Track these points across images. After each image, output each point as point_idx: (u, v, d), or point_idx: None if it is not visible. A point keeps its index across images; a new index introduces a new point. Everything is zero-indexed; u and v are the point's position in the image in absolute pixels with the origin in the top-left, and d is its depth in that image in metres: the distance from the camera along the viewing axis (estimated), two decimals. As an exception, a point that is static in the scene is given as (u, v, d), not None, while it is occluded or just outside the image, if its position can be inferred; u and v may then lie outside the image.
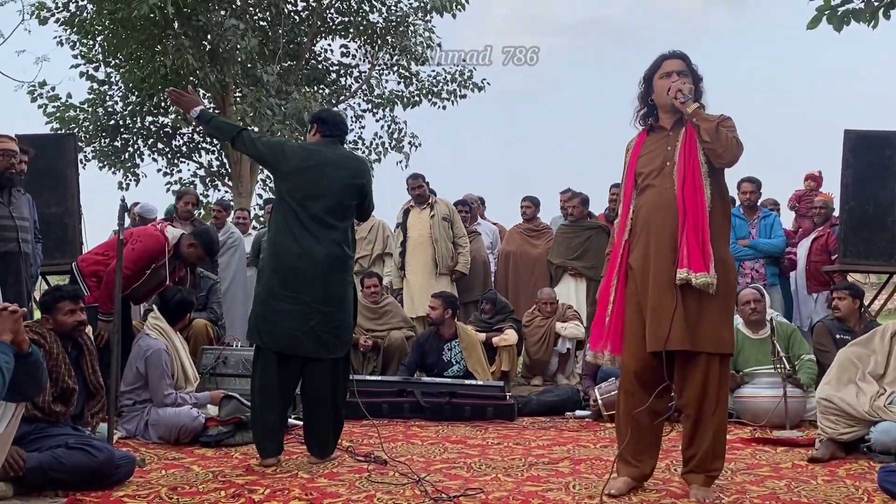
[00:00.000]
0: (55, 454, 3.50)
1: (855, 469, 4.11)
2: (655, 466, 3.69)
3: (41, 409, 3.66)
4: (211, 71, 12.27)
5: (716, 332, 3.41)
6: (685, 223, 3.40)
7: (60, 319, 3.95)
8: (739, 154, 3.40)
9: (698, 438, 3.51)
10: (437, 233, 7.55)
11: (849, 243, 6.90)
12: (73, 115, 13.19)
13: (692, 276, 3.34)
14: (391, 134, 14.81)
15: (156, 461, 4.26)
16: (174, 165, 14.42)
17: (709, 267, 3.35)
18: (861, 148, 6.88)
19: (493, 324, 7.20)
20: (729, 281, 3.46)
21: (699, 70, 3.57)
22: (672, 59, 3.55)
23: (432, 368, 6.59)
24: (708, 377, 3.44)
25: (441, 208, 7.68)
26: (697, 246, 3.37)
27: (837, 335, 5.62)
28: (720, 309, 3.42)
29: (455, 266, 7.59)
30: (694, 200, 3.42)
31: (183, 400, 4.85)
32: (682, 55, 3.58)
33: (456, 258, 7.60)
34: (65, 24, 12.97)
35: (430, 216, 7.60)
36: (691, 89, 3.43)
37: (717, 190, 3.49)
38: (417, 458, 4.39)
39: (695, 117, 3.40)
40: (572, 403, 6.01)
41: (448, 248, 7.58)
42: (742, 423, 5.41)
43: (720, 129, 3.35)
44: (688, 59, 3.57)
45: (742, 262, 7.28)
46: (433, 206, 7.66)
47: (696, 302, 3.39)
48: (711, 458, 3.49)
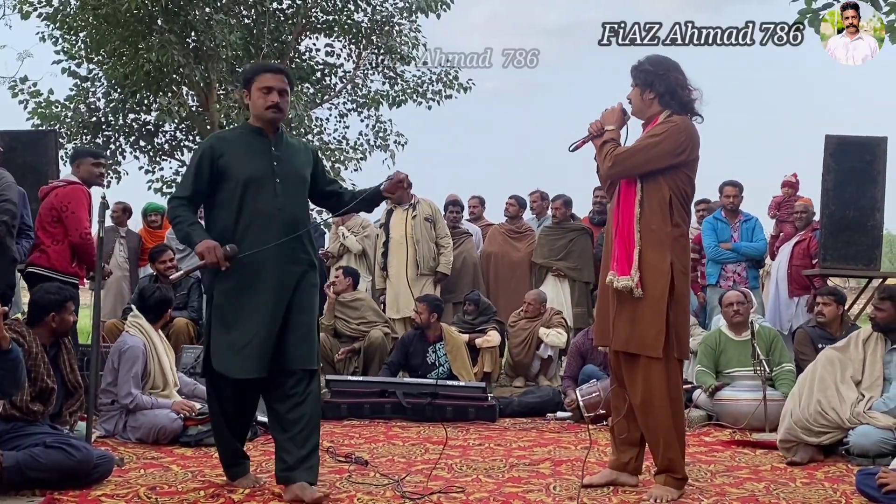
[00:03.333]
0: (32, 453, 3.47)
1: (833, 472, 4.13)
2: (636, 459, 3.75)
3: (19, 409, 3.64)
4: (196, 68, 12.20)
5: (642, 334, 3.50)
6: (616, 228, 3.60)
7: (66, 318, 4.04)
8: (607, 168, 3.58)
9: (649, 440, 3.63)
10: (418, 233, 7.52)
11: (829, 248, 6.96)
12: (55, 111, 13.06)
13: (615, 278, 3.55)
14: (376, 133, 14.78)
15: (134, 461, 4.23)
16: (156, 163, 14.30)
17: (630, 271, 3.48)
18: (841, 153, 6.93)
19: (477, 325, 7.20)
20: (660, 285, 3.48)
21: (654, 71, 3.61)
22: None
23: (417, 370, 6.58)
24: (649, 379, 3.52)
25: (423, 208, 7.66)
26: (623, 251, 3.54)
27: (819, 344, 5.62)
28: (650, 313, 3.49)
29: (437, 267, 7.57)
30: (625, 207, 3.58)
31: (143, 403, 4.76)
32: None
33: (438, 259, 7.59)
34: (47, 20, 12.85)
35: (411, 216, 7.58)
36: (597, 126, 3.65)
37: (654, 196, 3.53)
38: (398, 458, 4.38)
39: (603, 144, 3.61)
40: (554, 405, 6.01)
41: (430, 249, 7.56)
42: (722, 426, 5.44)
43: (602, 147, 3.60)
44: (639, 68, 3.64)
45: (724, 266, 7.32)
46: (415, 207, 7.63)
47: (630, 305, 3.53)
48: (666, 459, 3.55)
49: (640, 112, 3.67)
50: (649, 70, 3.60)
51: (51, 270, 5.28)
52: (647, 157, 3.51)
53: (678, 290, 3.51)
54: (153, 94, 12.95)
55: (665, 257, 3.49)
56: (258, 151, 3.56)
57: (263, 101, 3.55)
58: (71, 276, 5.34)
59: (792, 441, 4.39)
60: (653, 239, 3.49)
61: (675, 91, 3.57)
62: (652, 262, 3.48)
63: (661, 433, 3.54)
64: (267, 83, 3.55)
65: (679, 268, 3.52)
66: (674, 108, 3.58)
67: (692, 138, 3.55)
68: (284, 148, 3.64)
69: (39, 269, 5.30)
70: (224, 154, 3.53)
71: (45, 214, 5.39)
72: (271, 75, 3.58)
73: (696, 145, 3.58)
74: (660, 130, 3.52)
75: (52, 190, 5.48)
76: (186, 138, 14.48)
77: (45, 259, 5.31)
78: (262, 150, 3.56)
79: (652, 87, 3.58)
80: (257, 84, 3.56)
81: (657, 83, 3.57)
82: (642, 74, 3.61)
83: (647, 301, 3.49)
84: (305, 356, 3.50)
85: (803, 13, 6.90)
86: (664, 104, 3.59)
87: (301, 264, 3.57)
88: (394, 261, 7.59)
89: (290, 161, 3.62)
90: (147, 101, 13.35)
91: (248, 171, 3.50)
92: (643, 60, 3.64)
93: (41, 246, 5.34)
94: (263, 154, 3.56)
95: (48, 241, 5.35)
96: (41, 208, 5.43)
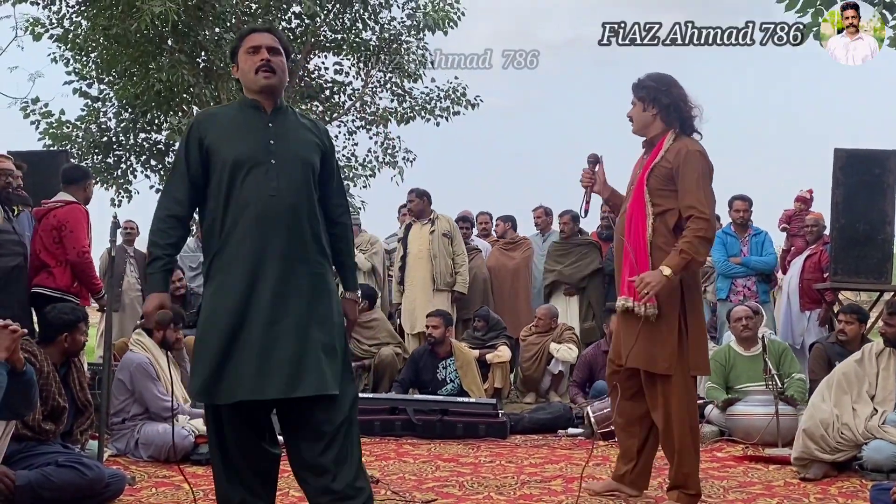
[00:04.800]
0: (45, 472, 3.48)
1: (847, 487, 4.11)
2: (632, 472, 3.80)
3: (31, 428, 3.65)
4: (205, 87, 12.29)
5: (657, 352, 3.53)
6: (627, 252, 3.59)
7: (78, 338, 4.07)
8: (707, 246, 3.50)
9: (667, 456, 3.66)
10: (436, 248, 7.54)
11: (839, 261, 6.93)
12: (67, 131, 13.18)
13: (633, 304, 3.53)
14: (385, 149, 14.85)
15: (146, 479, 4.24)
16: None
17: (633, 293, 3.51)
18: (851, 166, 6.93)
19: (487, 341, 7.20)
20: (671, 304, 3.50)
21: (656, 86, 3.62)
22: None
23: (427, 386, 6.58)
24: (667, 396, 3.54)
25: (442, 224, 7.68)
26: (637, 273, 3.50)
27: (835, 361, 5.54)
28: (664, 331, 3.52)
29: (454, 286, 7.57)
30: (637, 230, 3.57)
31: (181, 408, 4.82)
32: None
33: (454, 277, 7.59)
34: (59, 41, 12.98)
35: (430, 232, 7.60)
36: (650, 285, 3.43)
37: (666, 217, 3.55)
38: (409, 476, 4.37)
39: (676, 273, 3.43)
40: (565, 421, 5.99)
41: (447, 265, 7.57)
42: (734, 441, 5.41)
43: (687, 256, 3.42)
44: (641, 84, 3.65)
45: (734, 280, 7.30)
46: (434, 222, 7.66)
47: (645, 325, 3.52)
48: (681, 475, 3.58)
49: (642, 128, 3.68)
50: (651, 86, 3.62)
51: (57, 291, 5.27)
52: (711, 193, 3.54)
53: (690, 305, 3.54)
54: (163, 113, 13.06)
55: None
56: (251, 128, 2.94)
57: (252, 62, 2.93)
58: (73, 297, 5.32)
59: (806, 458, 4.36)
60: (663, 258, 3.49)
61: (678, 105, 3.59)
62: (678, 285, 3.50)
63: (677, 449, 3.55)
64: (252, 43, 2.95)
65: (690, 284, 3.54)
66: (676, 125, 3.61)
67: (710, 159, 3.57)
68: (285, 123, 2.99)
69: (46, 290, 5.27)
70: (211, 132, 2.93)
71: (45, 236, 5.35)
72: (258, 34, 2.99)
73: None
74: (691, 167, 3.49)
75: (49, 211, 5.41)
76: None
77: (51, 280, 5.31)
78: (256, 126, 2.94)
79: (655, 103, 3.61)
80: (243, 48, 2.97)
81: (661, 98, 3.59)
82: (644, 90, 3.63)
83: (660, 319, 3.50)
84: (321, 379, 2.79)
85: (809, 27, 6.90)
86: (666, 120, 3.61)
87: (311, 265, 2.90)
88: (411, 275, 7.59)
89: (292, 139, 2.97)
90: (157, 121, 13.47)
91: (236, 151, 2.87)
92: (644, 77, 3.67)
93: (48, 268, 5.32)
94: (257, 130, 2.93)
95: (52, 262, 5.33)
96: (41, 230, 5.39)
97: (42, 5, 12.60)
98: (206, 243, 2.94)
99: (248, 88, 2.99)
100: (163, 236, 2.91)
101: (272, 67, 2.92)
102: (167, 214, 2.93)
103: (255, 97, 2.97)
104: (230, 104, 3.19)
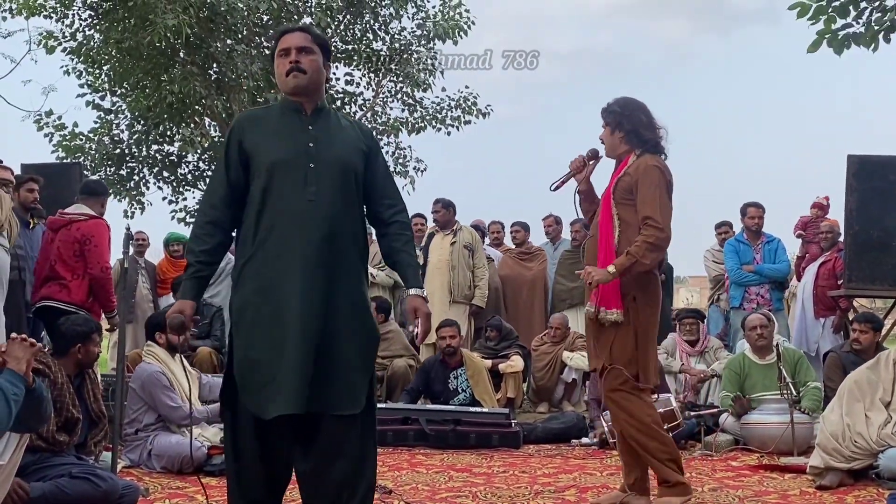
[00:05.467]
0: (59, 484, 3.49)
1: (863, 496, 4.07)
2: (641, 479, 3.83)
3: (45, 440, 3.65)
4: (218, 99, 12.35)
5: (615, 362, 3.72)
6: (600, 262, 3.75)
7: (91, 350, 4.08)
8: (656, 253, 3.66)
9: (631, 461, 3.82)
10: (455, 259, 7.53)
11: (854, 268, 6.87)
12: (80, 143, 13.26)
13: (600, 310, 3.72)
14: (396, 159, 14.88)
15: (159, 490, 4.24)
16: (179, 193, 14.46)
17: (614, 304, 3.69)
18: (864, 173, 6.87)
19: (500, 350, 7.18)
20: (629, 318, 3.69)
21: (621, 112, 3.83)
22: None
23: (438, 396, 6.56)
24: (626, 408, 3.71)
25: (464, 236, 7.68)
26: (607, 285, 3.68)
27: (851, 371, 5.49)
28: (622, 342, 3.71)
29: (472, 299, 7.55)
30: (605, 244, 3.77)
31: (198, 412, 4.84)
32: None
33: (472, 290, 7.57)
34: (72, 54, 13.08)
35: (451, 243, 7.60)
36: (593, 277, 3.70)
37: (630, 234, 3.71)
38: (422, 486, 4.36)
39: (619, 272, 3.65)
40: (578, 431, 5.97)
41: (465, 277, 7.56)
42: (749, 450, 5.37)
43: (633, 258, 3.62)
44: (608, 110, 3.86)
45: (747, 288, 7.26)
46: (456, 233, 7.66)
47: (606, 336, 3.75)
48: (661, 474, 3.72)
49: (611, 150, 3.92)
50: (617, 111, 3.85)
51: (71, 305, 5.20)
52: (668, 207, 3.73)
53: (641, 320, 3.73)
54: (176, 125, 13.13)
55: (628, 292, 3.71)
56: (291, 130, 2.87)
57: (283, 65, 2.89)
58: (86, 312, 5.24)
59: (821, 466, 4.32)
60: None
61: (638, 131, 3.80)
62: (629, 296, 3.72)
63: (645, 455, 3.73)
64: (283, 45, 2.90)
65: (643, 299, 3.74)
66: (641, 146, 3.82)
67: (671, 176, 3.79)
68: (326, 126, 2.93)
69: (60, 303, 5.21)
70: (251, 134, 2.87)
71: (65, 249, 5.29)
72: (289, 35, 2.93)
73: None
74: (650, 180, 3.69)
75: (70, 223, 5.36)
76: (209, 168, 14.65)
77: (65, 294, 5.25)
78: (295, 129, 2.87)
79: (620, 127, 3.84)
80: (276, 51, 2.93)
81: (624, 123, 3.82)
82: (611, 115, 3.87)
83: (621, 329, 3.71)
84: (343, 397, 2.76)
85: (822, 34, 6.89)
86: (631, 142, 3.83)
87: (349, 274, 2.82)
88: (429, 285, 7.57)
89: (333, 142, 2.90)
90: (170, 133, 13.54)
91: (274, 154, 2.81)
92: (612, 102, 3.89)
93: (62, 280, 5.27)
94: (297, 133, 2.86)
95: (69, 275, 5.27)
96: (59, 241, 5.32)
97: (55, 18, 12.71)
98: (240, 248, 2.87)
99: (283, 92, 2.95)
100: (198, 243, 2.86)
101: (301, 68, 2.86)
102: (205, 221, 2.88)
103: (294, 99, 2.92)
104: (273, 105, 3.13)
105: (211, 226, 2.86)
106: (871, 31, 6.86)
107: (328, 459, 2.76)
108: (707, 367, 6.57)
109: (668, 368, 6.40)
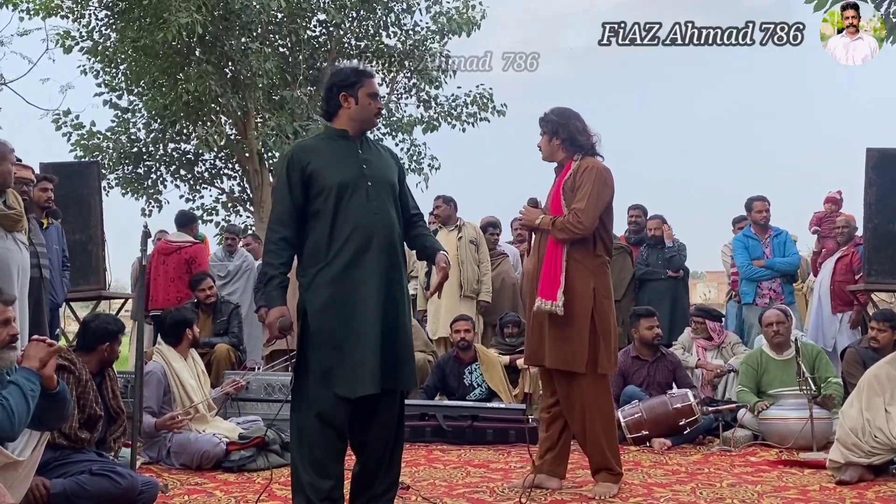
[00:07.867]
0: (79, 480, 3.51)
1: (884, 491, 4.04)
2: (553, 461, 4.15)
3: (67, 436, 3.68)
4: (233, 97, 12.41)
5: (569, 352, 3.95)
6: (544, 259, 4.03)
7: (116, 349, 4.13)
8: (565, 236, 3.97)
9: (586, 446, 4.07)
10: (463, 255, 7.53)
11: (873, 262, 6.81)
12: (97, 142, 13.36)
13: (542, 303, 3.96)
14: (410, 156, 14.90)
15: (178, 486, 4.26)
16: (196, 192, 14.56)
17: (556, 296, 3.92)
18: (883, 166, 6.81)
19: (517, 346, 7.16)
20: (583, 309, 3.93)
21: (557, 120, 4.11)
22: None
23: (454, 393, 6.57)
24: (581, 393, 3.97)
25: (469, 231, 7.68)
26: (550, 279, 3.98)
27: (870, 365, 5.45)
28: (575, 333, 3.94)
29: (479, 294, 7.56)
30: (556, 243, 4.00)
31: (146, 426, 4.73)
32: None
33: (479, 286, 7.57)
34: (89, 53, 13.18)
35: (457, 238, 7.60)
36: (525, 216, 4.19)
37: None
38: (440, 482, 4.37)
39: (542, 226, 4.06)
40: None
41: (474, 271, 7.56)
42: (768, 445, 5.34)
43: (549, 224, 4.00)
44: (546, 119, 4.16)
45: (759, 283, 7.21)
46: (461, 229, 7.66)
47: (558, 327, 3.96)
48: (603, 461, 4.03)
49: (549, 156, 4.18)
50: (553, 120, 4.11)
51: None
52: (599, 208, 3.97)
53: (600, 311, 3.97)
54: (192, 123, 13.20)
55: (588, 284, 3.96)
56: (346, 154, 3.37)
57: (372, 106, 3.43)
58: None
59: (841, 461, 4.30)
60: (578, 268, 3.97)
61: (574, 137, 4.07)
62: (578, 289, 3.94)
63: (594, 439, 3.99)
64: (373, 89, 3.44)
65: (601, 291, 4.00)
66: (579, 152, 4.07)
67: (612, 177, 4.07)
68: (371, 151, 3.48)
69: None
70: (311, 161, 3.32)
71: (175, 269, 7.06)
72: (375, 82, 3.51)
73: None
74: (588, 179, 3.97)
75: (179, 248, 7.18)
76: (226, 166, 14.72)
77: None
78: (349, 154, 3.38)
79: (557, 135, 4.10)
80: (365, 90, 3.40)
81: (560, 131, 4.08)
82: (548, 124, 4.13)
83: (573, 323, 3.93)
84: (409, 376, 3.36)
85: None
86: (569, 149, 4.09)
87: (401, 274, 3.37)
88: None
89: (378, 165, 3.44)
90: (186, 131, 13.61)
91: (339, 176, 3.29)
92: (548, 112, 4.15)
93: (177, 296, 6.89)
94: (351, 157, 3.37)
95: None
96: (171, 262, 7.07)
97: (72, 18, 12.79)
98: (311, 257, 3.29)
99: (355, 121, 3.41)
100: (275, 257, 3.30)
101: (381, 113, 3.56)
102: (278, 238, 3.32)
103: (346, 129, 3.41)
104: (317, 136, 3.69)
105: (284, 242, 3.32)
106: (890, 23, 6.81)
107: (384, 428, 3.33)
108: (724, 362, 6.53)
109: (685, 363, 6.37)
